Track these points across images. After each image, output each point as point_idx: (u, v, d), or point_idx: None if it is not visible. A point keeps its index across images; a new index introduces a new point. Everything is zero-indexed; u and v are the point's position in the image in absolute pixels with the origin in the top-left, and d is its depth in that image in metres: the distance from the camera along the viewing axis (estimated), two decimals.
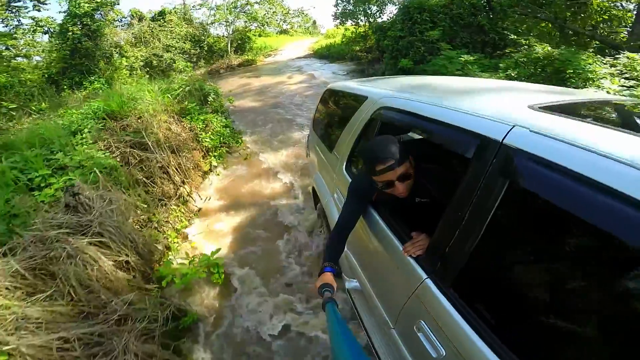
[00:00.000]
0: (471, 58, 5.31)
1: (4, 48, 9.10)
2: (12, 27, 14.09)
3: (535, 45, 5.34)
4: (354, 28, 15.12)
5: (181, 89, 5.12)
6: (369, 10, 15.01)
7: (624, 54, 4.47)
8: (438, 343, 1.01)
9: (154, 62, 13.79)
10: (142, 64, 13.23)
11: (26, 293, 1.92)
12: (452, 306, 0.97)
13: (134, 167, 2.95)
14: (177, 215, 3.05)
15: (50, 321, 1.87)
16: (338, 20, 16.94)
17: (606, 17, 8.86)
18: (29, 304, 1.85)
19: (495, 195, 0.88)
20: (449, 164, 1.29)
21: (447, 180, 1.22)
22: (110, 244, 1.99)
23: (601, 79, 4.16)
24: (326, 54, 15.84)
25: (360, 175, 1.59)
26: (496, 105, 1.16)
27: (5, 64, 6.82)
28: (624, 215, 0.60)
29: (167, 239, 2.71)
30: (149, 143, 3.13)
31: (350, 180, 1.85)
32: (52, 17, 13.75)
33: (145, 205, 2.59)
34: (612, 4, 8.64)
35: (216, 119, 5.05)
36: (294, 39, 25.47)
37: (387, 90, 1.86)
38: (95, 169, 2.41)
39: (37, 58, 11.82)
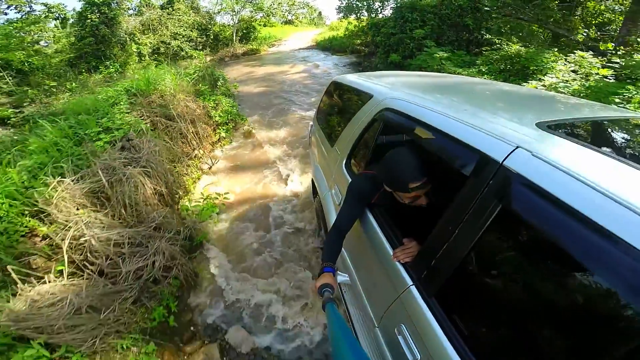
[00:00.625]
0: (445, 55, 6.09)
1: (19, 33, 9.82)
2: (24, 12, 14.68)
3: (508, 44, 6.09)
4: (357, 22, 15.65)
5: (196, 73, 5.97)
6: (373, 6, 15.51)
7: (576, 54, 5.22)
8: (415, 347, 1.07)
9: (162, 49, 14.42)
10: (150, 50, 14.01)
11: (91, 209, 2.77)
12: (432, 315, 1.02)
13: (161, 131, 3.79)
14: (192, 170, 3.90)
15: (109, 226, 2.71)
16: (342, 14, 17.49)
17: (600, 20, 9.49)
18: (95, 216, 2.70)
19: (487, 217, 0.90)
20: (449, 172, 1.25)
21: (446, 187, 1.22)
22: (152, 176, 2.83)
23: (553, 74, 4.91)
24: (328, 46, 16.49)
25: (361, 177, 1.60)
26: (504, 120, 1.16)
27: (30, 48, 7.62)
28: (613, 258, 0.61)
29: (186, 185, 3.55)
30: (174, 114, 3.97)
31: (349, 179, 1.87)
32: (63, 4, 14.34)
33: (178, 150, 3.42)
34: (608, 7, 9.24)
35: (225, 100, 5.89)
36: (298, 29, 25.96)
37: (392, 91, 1.83)
38: (141, 126, 3.25)
39: (42, 43, 12.50)
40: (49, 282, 2.30)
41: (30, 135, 3.24)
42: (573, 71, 5.03)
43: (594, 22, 9.37)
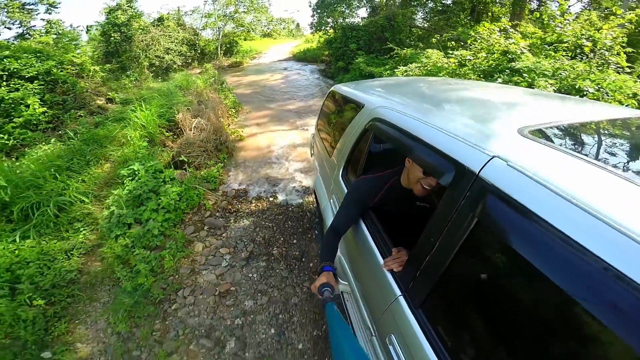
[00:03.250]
0: (361, 60, 10.44)
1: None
2: (25, 28, 17.77)
3: (403, 49, 10.20)
4: (326, 36, 19.54)
5: (211, 78, 10.09)
6: (337, 21, 19.79)
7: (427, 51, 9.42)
8: (403, 358, 1.15)
9: (157, 62, 17.34)
10: (147, 64, 16.92)
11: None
12: (419, 326, 1.09)
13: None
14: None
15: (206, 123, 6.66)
16: (313, 29, 21.72)
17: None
18: None
19: (464, 230, 0.95)
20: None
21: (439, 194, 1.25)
22: (214, 113, 6.87)
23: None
24: (303, 57, 20.44)
25: (363, 180, 1.70)
26: (485, 126, 1.21)
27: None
28: (585, 270, 0.63)
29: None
30: (207, 98, 8.00)
31: (345, 189, 2.00)
32: (62, 20, 17.66)
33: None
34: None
35: (230, 94, 9.98)
36: (277, 42, 29.80)
37: (381, 99, 1.95)
38: (195, 100, 7.29)
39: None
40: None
41: (152, 98, 7.23)
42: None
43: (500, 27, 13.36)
